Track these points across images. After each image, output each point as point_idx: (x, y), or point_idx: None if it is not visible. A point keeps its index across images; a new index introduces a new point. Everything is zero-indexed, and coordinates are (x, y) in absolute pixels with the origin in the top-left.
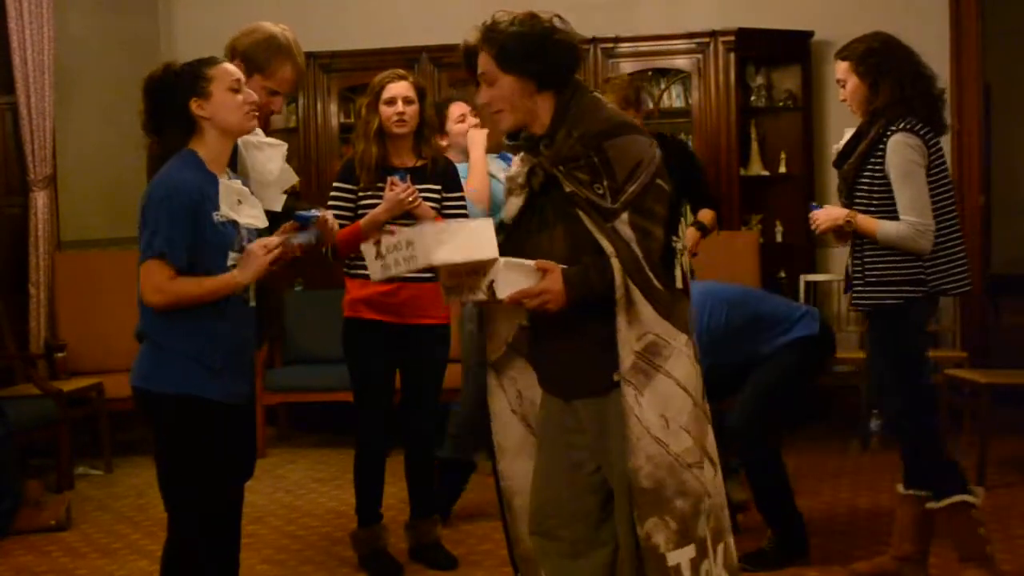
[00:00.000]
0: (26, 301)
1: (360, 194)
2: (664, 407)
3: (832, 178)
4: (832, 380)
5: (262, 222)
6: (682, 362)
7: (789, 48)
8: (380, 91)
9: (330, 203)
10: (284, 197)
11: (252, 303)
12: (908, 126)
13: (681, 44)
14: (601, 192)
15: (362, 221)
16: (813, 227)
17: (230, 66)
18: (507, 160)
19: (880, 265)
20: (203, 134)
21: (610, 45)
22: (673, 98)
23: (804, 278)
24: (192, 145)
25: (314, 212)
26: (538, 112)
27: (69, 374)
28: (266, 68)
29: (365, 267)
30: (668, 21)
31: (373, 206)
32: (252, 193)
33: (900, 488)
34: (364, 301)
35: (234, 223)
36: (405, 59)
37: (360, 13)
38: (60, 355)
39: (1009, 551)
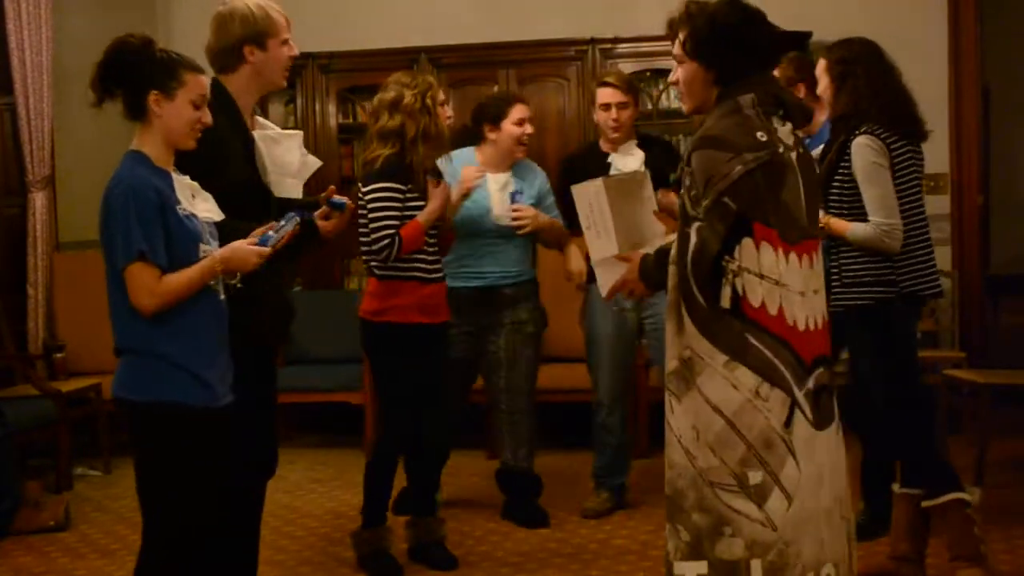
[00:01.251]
0: (24, 302)
1: (408, 195)
2: (695, 420)
3: None
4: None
5: (217, 214)
6: (716, 382)
7: (787, 48)
8: (436, 94)
9: (380, 204)
10: (301, 185)
11: (222, 296)
12: (868, 129)
13: None
14: (690, 198)
15: (422, 218)
16: None
17: (204, 81)
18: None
19: (854, 266)
20: (149, 130)
21: (609, 45)
22: (671, 99)
23: None
24: (138, 143)
25: (344, 199)
26: (711, 102)
27: (68, 375)
28: (269, 29)
29: (412, 269)
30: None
31: (420, 206)
32: (275, 184)
33: (896, 487)
34: (416, 306)
35: (194, 216)
36: (404, 60)
37: (359, 14)
38: (59, 356)
39: (1008, 551)
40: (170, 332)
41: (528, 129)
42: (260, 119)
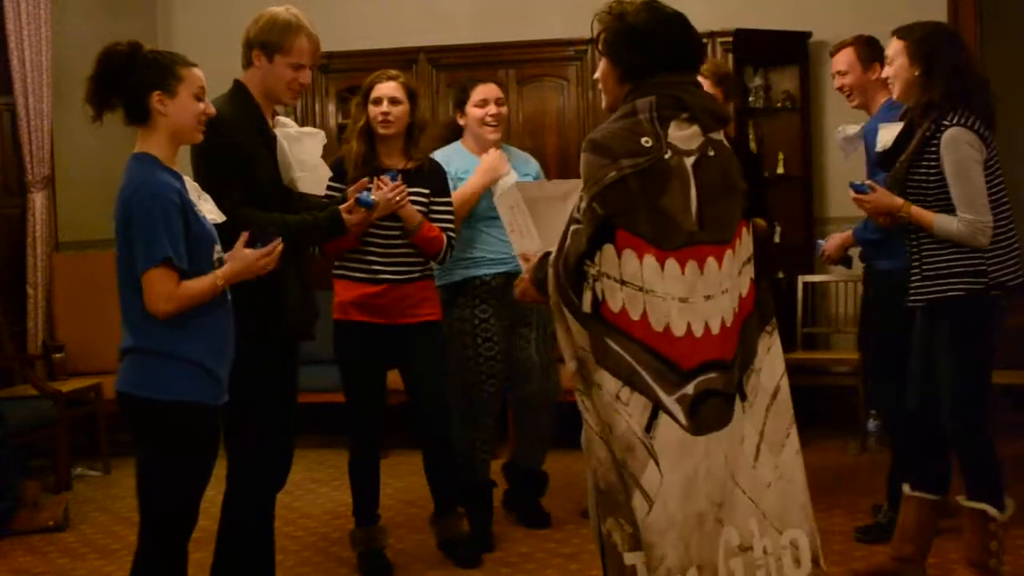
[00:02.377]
0: (24, 302)
1: (349, 192)
2: (605, 414)
3: (831, 179)
4: (831, 380)
5: (220, 216)
6: (605, 377)
7: (787, 49)
8: (369, 91)
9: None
10: (325, 181)
11: (228, 297)
12: (962, 120)
13: None
14: (579, 201)
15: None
16: (866, 208)
17: (199, 72)
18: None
19: (939, 257)
20: (154, 132)
21: None
22: None
23: (802, 279)
24: (142, 145)
25: (372, 198)
26: (621, 99)
27: (67, 375)
28: (283, 45)
29: (353, 269)
30: None
31: None
32: (299, 180)
33: (907, 489)
34: (352, 303)
35: (205, 216)
36: (403, 60)
37: (358, 14)
38: (58, 356)
39: (1009, 552)
40: (187, 332)
41: (491, 109)
42: (281, 118)
